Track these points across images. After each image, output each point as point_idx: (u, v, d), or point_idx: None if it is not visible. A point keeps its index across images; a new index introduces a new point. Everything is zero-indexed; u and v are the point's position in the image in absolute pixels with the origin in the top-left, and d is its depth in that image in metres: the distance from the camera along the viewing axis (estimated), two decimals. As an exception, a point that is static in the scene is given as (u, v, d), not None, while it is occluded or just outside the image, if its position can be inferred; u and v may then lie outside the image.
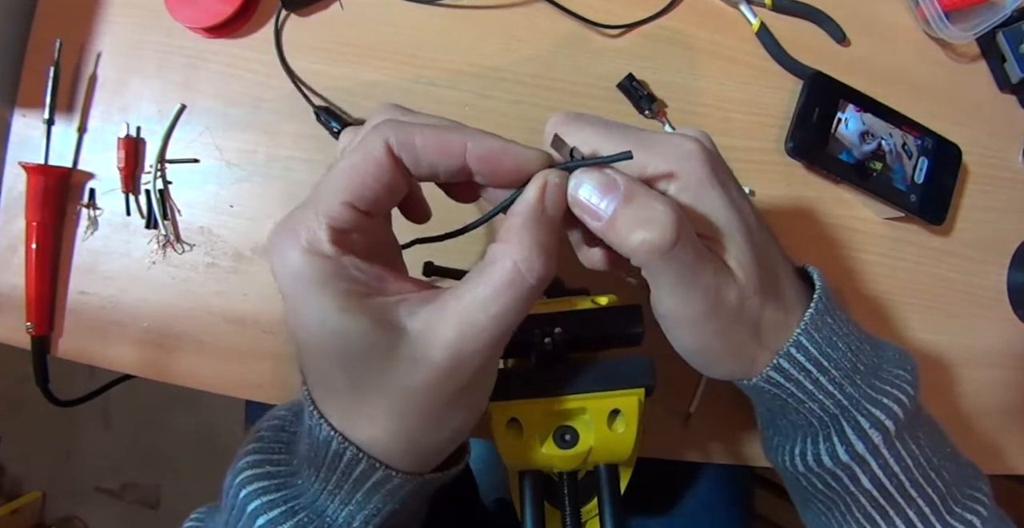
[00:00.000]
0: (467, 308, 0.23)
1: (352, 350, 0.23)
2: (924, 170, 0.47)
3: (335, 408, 0.26)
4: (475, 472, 0.70)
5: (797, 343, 0.29)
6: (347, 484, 0.26)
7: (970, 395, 0.49)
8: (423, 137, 0.24)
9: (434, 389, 0.24)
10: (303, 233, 0.23)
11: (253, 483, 0.27)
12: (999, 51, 0.49)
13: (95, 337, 0.45)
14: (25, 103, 0.46)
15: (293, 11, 0.45)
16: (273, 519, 0.26)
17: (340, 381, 0.24)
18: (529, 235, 0.24)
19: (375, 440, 0.25)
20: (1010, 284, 0.49)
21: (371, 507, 0.27)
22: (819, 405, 0.30)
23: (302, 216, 0.24)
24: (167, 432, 1.31)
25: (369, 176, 0.24)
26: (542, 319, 0.33)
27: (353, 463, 0.25)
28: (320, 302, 0.23)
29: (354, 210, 0.24)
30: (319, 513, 0.27)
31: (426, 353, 0.23)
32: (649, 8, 0.47)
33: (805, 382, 0.30)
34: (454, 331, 0.23)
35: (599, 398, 0.31)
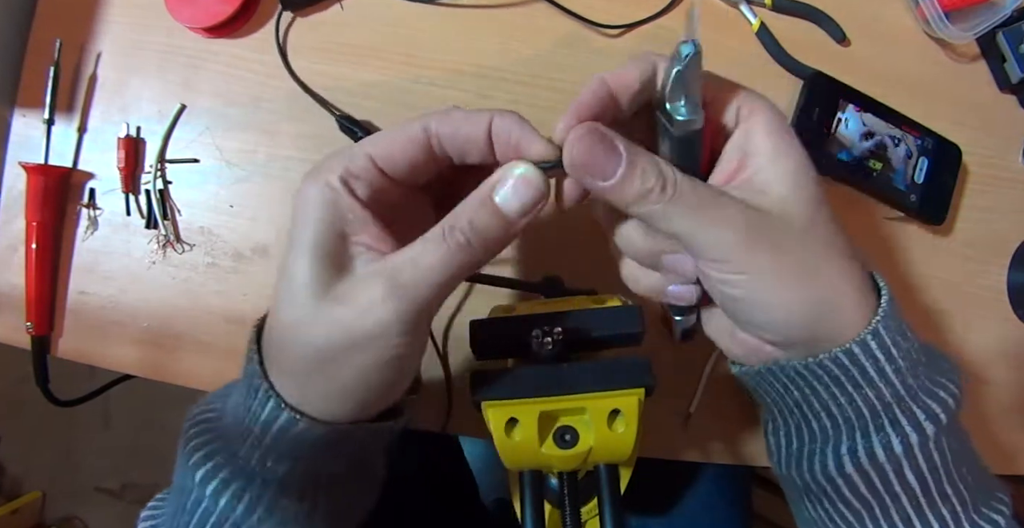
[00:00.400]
0: (394, 263, 0.26)
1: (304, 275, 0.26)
2: (924, 170, 0.47)
3: (270, 330, 0.28)
4: (475, 472, 0.70)
5: (877, 329, 0.28)
6: (256, 427, 0.28)
7: (970, 395, 0.48)
8: (459, 114, 0.28)
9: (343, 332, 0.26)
10: (326, 168, 0.27)
11: (188, 431, 0.31)
12: (999, 51, 0.49)
13: (95, 337, 0.45)
14: (25, 103, 0.46)
15: (293, 12, 0.45)
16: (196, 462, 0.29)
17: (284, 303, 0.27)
18: (464, 208, 0.27)
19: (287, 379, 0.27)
20: (1010, 284, 0.49)
21: (281, 450, 0.28)
22: (876, 392, 0.29)
23: (331, 157, 0.28)
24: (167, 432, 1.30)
25: (397, 143, 0.28)
26: (542, 319, 0.33)
27: (263, 402, 0.27)
28: (308, 222, 0.26)
29: (372, 164, 0.27)
30: (233, 453, 0.29)
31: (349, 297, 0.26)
32: (649, 8, 0.47)
33: (883, 363, 0.28)
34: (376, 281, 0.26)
35: (599, 398, 0.31)
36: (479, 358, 0.34)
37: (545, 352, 0.31)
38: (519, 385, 0.31)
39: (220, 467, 0.29)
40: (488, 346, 0.33)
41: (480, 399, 0.31)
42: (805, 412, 0.32)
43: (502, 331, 0.33)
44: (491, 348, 0.34)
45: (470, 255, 0.26)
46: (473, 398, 0.31)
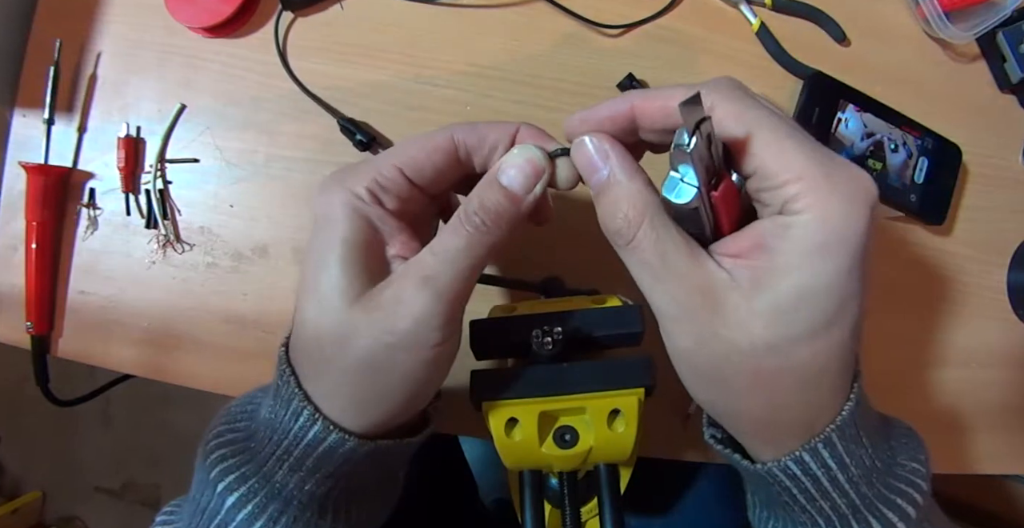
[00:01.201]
0: (419, 257, 0.26)
1: (334, 286, 0.26)
2: (924, 170, 0.47)
3: (307, 364, 0.27)
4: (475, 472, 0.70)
5: (828, 439, 0.25)
6: (297, 450, 0.27)
7: (970, 395, 0.49)
8: (485, 125, 0.29)
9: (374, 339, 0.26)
10: (351, 176, 0.27)
11: (215, 452, 0.28)
12: (999, 51, 0.49)
13: (95, 337, 0.45)
14: (25, 103, 0.46)
15: (294, 12, 0.45)
16: (230, 484, 0.27)
17: (311, 319, 0.26)
18: (476, 192, 0.27)
19: (332, 400, 0.27)
20: (1010, 284, 0.49)
21: (322, 471, 0.27)
22: (831, 504, 0.27)
23: (355, 167, 0.28)
24: (167, 432, 1.31)
25: (424, 152, 0.28)
26: (542, 319, 0.33)
27: (307, 425, 0.27)
28: (335, 233, 0.26)
29: (401, 175, 0.28)
30: (269, 477, 0.28)
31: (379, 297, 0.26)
32: (649, 8, 0.47)
33: (823, 480, 0.26)
34: (407, 282, 0.26)
35: (599, 398, 0.31)
36: (479, 358, 0.34)
37: (545, 352, 0.31)
38: (519, 385, 0.31)
39: (254, 492, 0.27)
40: (488, 346, 0.33)
41: (480, 399, 0.31)
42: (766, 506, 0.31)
43: (502, 331, 0.33)
44: (491, 348, 0.34)
45: (488, 236, 0.26)
46: (473, 398, 0.31)
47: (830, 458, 0.26)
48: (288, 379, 0.27)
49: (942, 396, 0.48)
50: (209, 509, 0.28)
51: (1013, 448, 0.49)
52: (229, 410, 0.31)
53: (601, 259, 0.46)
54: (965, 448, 0.48)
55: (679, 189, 0.23)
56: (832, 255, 0.23)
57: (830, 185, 0.23)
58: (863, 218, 0.23)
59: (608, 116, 0.27)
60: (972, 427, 0.49)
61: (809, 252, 0.23)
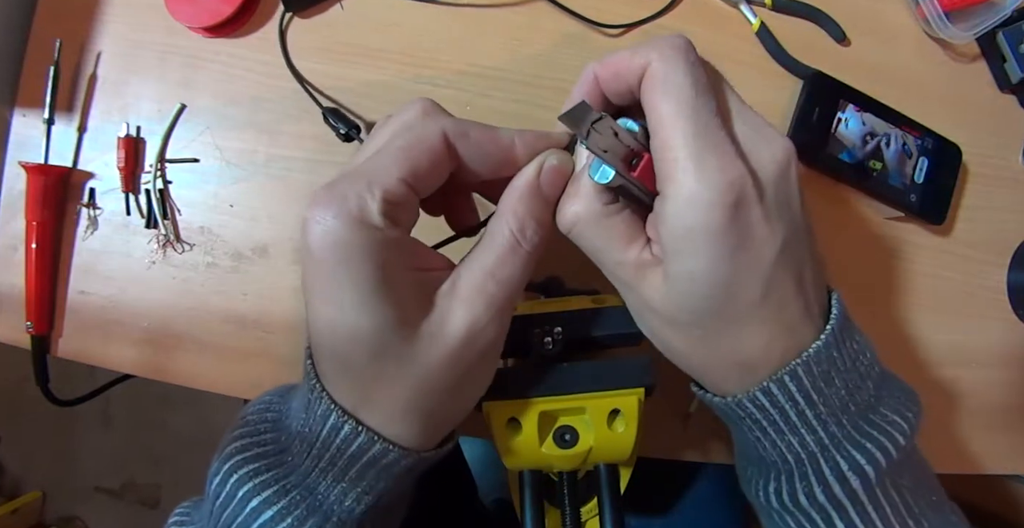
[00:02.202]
0: (475, 278, 0.26)
1: (379, 326, 0.24)
2: (924, 170, 0.47)
3: (344, 385, 0.26)
4: (475, 472, 0.70)
5: (793, 372, 0.26)
6: (341, 460, 0.26)
7: (970, 395, 0.49)
8: (476, 129, 0.27)
9: (449, 364, 0.25)
10: (353, 201, 0.23)
11: (243, 466, 0.27)
12: (999, 51, 0.49)
13: (95, 337, 0.45)
14: (25, 103, 0.46)
15: (295, 13, 0.45)
16: (267, 499, 0.26)
17: (360, 359, 0.25)
18: (523, 206, 0.26)
19: (383, 419, 0.26)
20: (1010, 284, 0.49)
21: (364, 484, 0.27)
22: (799, 440, 0.28)
23: (352, 186, 0.24)
24: (167, 432, 1.31)
25: (424, 156, 0.25)
26: (542, 319, 0.33)
27: (351, 438, 0.26)
28: (361, 272, 0.23)
29: (407, 187, 0.25)
30: (311, 491, 0.26)
31: (443, 328, 0.25)
32: (649, 8, 0.47)
33: (790, 413, 0.27)
34: (467, 303, 0.25)
35: (599, 398, 0.31)
36: (479, 358, 0.34)
37: (545, 352, 0.31)
38: (519, 385, 0.31)
39: (295, 504, 0.26)
40: (488, 346, 0.33)
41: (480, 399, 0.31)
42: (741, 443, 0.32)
43: (502, 331, 0.33)
44: (491, 348, 0.34)
45: (541, 249, 0.27)
46: (473, 398, 0.31)
47: (797, 392, 0.27)
48: (320, 396, 0.26)
49: (942, 396, 0.48)
50: (237, 524, 0.26)
51: (1013, 448, 0.49)
52: (246, 420, 0.30)
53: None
54: (965, 448, 0.48)
55: (601, 170, 0.26)
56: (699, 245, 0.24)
57: (696, 171, 0.24)
58: (717, 208, 0.24)
59: (585, 92, 0.28)
60: (972, 427, 0.49)
61: (679, 238, 0.25)
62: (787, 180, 0.26)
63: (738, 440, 0.33)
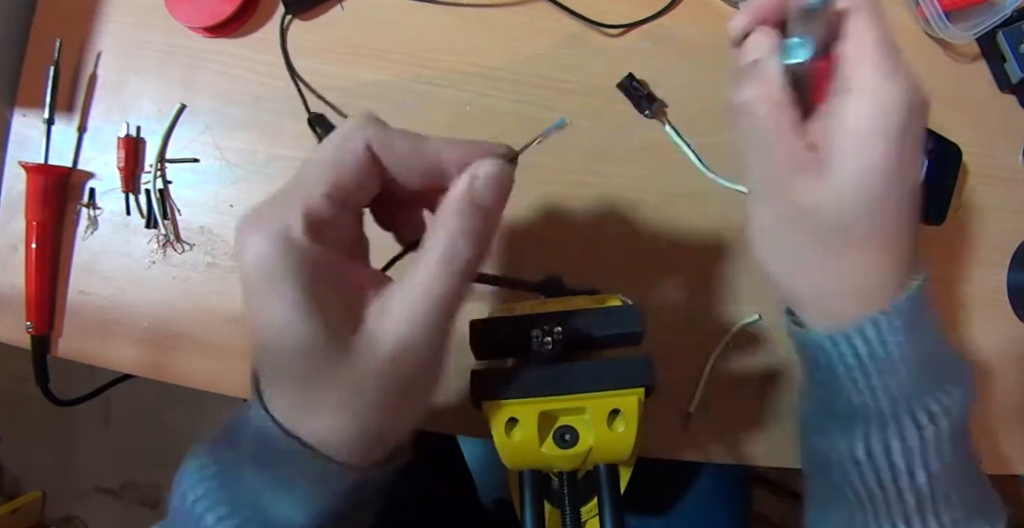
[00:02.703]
0: (408, 293, 0.25)
1: (310, 341, 0.24)
2: (924, 170, 0.47)
3: (284, 400, 0.26)
4: (475, 472, 0.70)
5: (898, 309, 0.29)
6: (287, 479, 0.26)
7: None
8: (401, 138, 0.26)
9: (381, 379, 0.25)
10: (277, 222, 0.24)
11: (200, 484, 0.27)
12: (999, 51, 0.49)
13: (95, 337, 0.45)
14: (25, 103, 0.46)
15: (296, 15, 0.45)
16: (220, 517, 0.26)
17: (294, 372, 0.25)
18: (454, 220, 0.25)
19: (319, 433, 0.26)
20: (1010, 284, 0.49)
21: (311, 503, 0.26)
22: (897, 382, 0.30)
23: (277, 205, 0.24)
24: (167, 432, 1.31)
25: (348, 170, 0.25)
26: (542, 319, 0.33)
27: (294, 456, 0.25)
28: (286, 291, 0.23)
29: (331, 202, 0.25)
30: (261, 509, 0.26)
31: (374, 342, 0.24)
32: (649, 8, 0.47)
33: (894, 352, 0.29)
34: (397, 317, 0.24)
35: (599, 398, 0.31)
36: (479, 358, 0.34)
37: (545, 352, 0.31)
38: (519, 385, 0.31)
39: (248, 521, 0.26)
40: (488, 346, 0.33)
41: (480, 399, 0.31)
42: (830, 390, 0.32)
43: (502, 331, 0.33)
44: (491, 348, 0.34)
45: (476, 263, 0.26)
46: (473, 398, 0.31)
47: (901, 328, 0.29)
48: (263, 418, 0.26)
49: (942, 396, 0.48)
50: None
51: (1013, 448, 0.49)
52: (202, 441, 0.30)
53: (601, 259, 0.46)
54: (965, 448, 0.48)
55: (796, 50, 0.29)
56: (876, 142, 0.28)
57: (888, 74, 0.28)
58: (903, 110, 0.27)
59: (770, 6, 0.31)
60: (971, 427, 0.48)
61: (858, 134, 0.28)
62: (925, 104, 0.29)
63: (822, 388, 0.33)
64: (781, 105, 0.29)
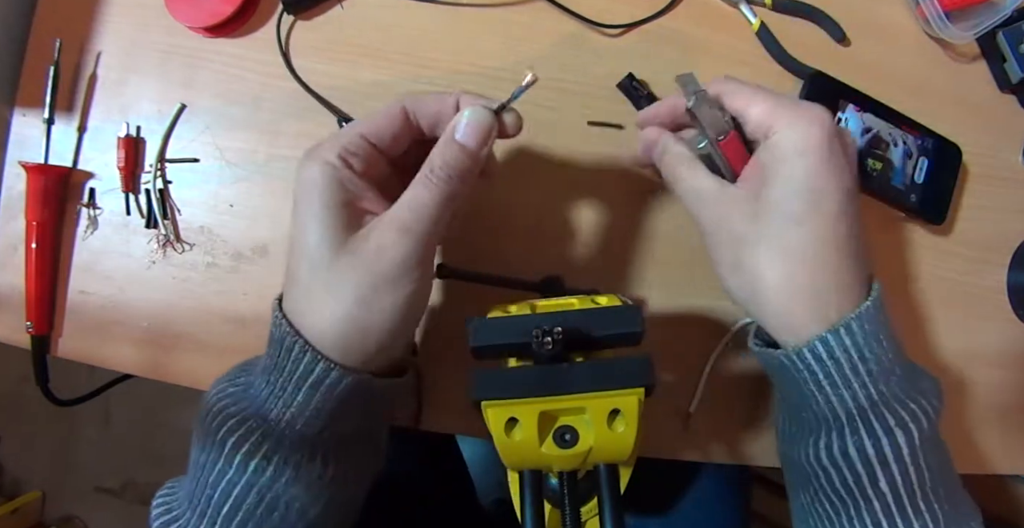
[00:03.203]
0: (394, 207, 0.31)
1: (315, 239, 0.30)
2: (924, 170, 0.47)
3: (293, 300, 0.31)
4: (475, 472, 0.70)
5: (848, 326, 0.31)
6: (291, 383, 0.30)
7: (970, 395, 0.49)
8: (431, 96, 0.34)
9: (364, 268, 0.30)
10: (323, 152, 0.31)
11: (216, 403, 0.32)
12: (999, 51, 0.49)
13: (95, 337, 0.45)
14: (25, 103, 0.46)
15: (295, 15, 0.45)
16: (230, 428, 0.31)
17: (301, 271, 0.31)
18: (437, 150, 0.32)
19: (314, 326, 0.30)
20: (1010, 284, 0.49)
21: (311, 408, 0.31)
22: (851, 394, 0.31)
23: (327, 142, 0.32)
24: (167, 432, 1.31)
25: (383, 120, 0.33)
26: (542, 319, 0.33)
27: (299, 356, 0.30)
28: (312, 201, 0.30)
29: (365, 141, 0.32)
30: (264, 418, 0.31)
31: (363, 245, 0.30)
32: (649, 8, 0.47)
33: (845, 366, 0.31)
34: (382, 224, 0.30)
35: (599, 398, 0.31)
36: (478, 358, 0.34)
37: (545, 352, 0.31)
38: (519, 385, 0.31)
39: (251, 432, 0.31)
40: (488, 346, 0.33)
41: (480, 399, 0.31)
42: (794, 402, 0.35)
43: (502, 331, 0.33)
44: (491, 348, 0.34)
45: (452, 186, 0.31)
46: (473, 398, 0.31)
47: (851, 345, 0.31)
48: (280, 321, 0.31)
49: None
50: (210, 460, 0.31)
51: (1013, 448, 0.49)
52: (228, 372, 0.35)
53: (601, 259, 0.46)
54: (964, 448, 0.49)
55: (697, 141, 0.37)
56: (802, 156, 0.32)
57: (792, 111, 0.33)
58: (822, 127, 0.32)
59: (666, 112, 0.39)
60: (972, 427, 0.49)
61: (786, 157, 0.32)
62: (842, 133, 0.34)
63: (788, 401, 0.36)
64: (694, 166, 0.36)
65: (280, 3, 0.45)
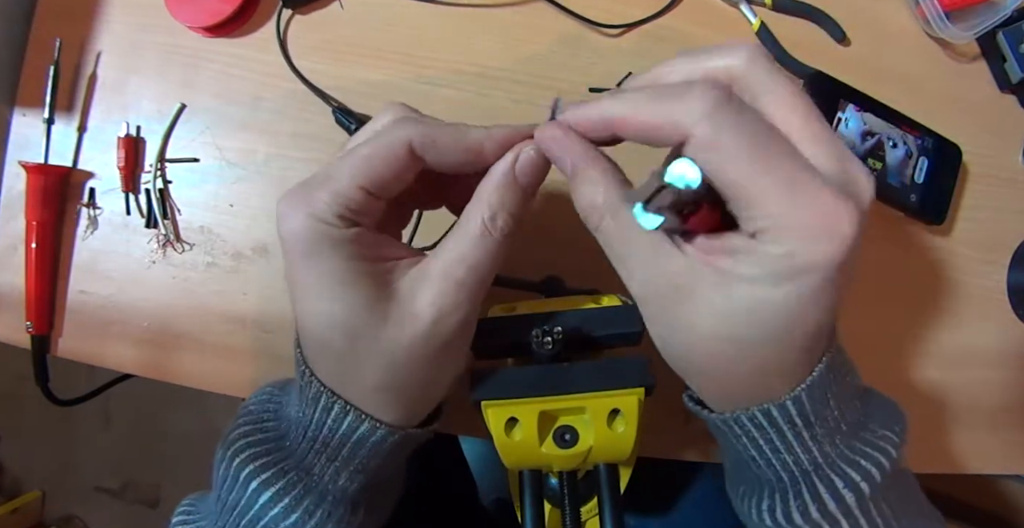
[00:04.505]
0: (445, 263, 0.26)
1: (348, 311, 0.26)
2: (924, 170, 0.47)
3: (326, 367, 0.28)
4: (475, 472, 0.70)
5: (796, 398, 0.26)
6: (333, 440, 0.28)
7: (970, 395, 0.49)
8: (444, 135, 0.27)
9: (420, 343, 0.26)
10: (312, 205, 0.25)
11: (245, 450, 0.29)
12: (999, 51, 0.49)
13: (95, 336, 0.45)
14: (25, 102, 0.46)
15: (293, 10, 0.45)
16: (265, 480, 0.28)
17: (336, 341, 0.26)
18: (496, 195, 0.27)
19: (363, 396, 0.28)
20: (1010, 284, 0.49)
21: (356, 463, 0.29)
22: (794, 458, 0.28)
23: (314, 188, 0.26)
24: (167, 432, 1.31)
25: (387, 167, 0.26)
26: (542, 319, 0.33)
27: (340, 417, 0.27)
28: (323, 265, 0.25)
29: (365, 193, 0.26)
30: (307, 471, 0.28)
31: (412, 310, 0.26)
32: (649, 7, 0.47)
33: (788, 433, 0.27)
34: (436, 286, 0.26)
35: (599, 397, 0.31)
36: (479, 357, 0.34)
37: (545, 352, 0.31)
38: (519, 385, 0.31)
39: (292, 485, 0.28)
40: (488, 346, 0.33)
41: (480, 398, 0.31)
42: (734, 458, 0.31)
43: (502, 330, 0.33)
44: (491, 347, 0.34)
45: (511, 237, 0.27)
46: (473, 397, 0.31)
47: (797, 415, 0.26)
48: (310, 380, 0.28)
49: (941, 396, 0.48)
50: (240, 506, 0.28)
51: (1012, 448, 0.49)
52: (249, 410, 0.32)
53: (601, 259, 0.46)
54: (964, 448, 0.48)
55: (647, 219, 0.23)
56: (789, 282, 0.23)
57: (799, 220, 0.22)
58: (829, 254, 0.22)
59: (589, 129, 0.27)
60: (971, 427, 0.49)
61: (769, 275, 0.23)
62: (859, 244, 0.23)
63: (731, 458, 0.32)
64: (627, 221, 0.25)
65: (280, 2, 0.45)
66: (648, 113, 0.24)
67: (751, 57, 0.25)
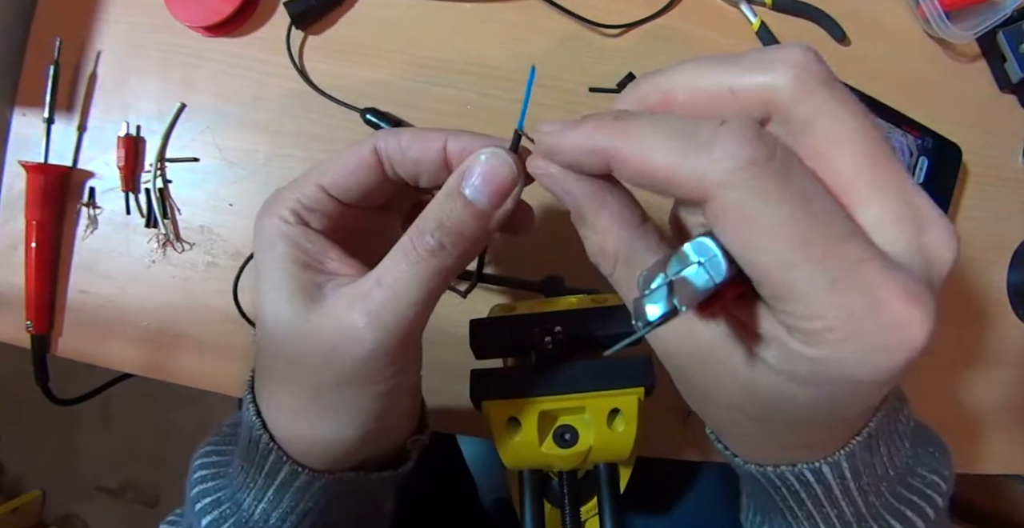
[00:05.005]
0: (365, 281, 0.24)
1: (276, 315, 0.24)
2: (924, 170, 0.47)
3: (259, 382, 0.27)
4: (475, 472, 0.70)
5: (851, 454, 0.23)
6: (260, 477, 0.26)
7: (970, 395, 0.49)
8: (408, 136, 0.26)
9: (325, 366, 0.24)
10: (277, 206, 0.26)
11: (198, 471, 0.29)
12: (999, 51, 0.49)
13: (95, 336, 0.45)
14: (25, 102, 0.46)
15: (305, 30, 0.45)
16: (203, 508, 0.27)
17: (266, 352, 0.26)
18: (432, 211, 0.24)
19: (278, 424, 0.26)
20: (1010, 284, 0.49)
21: (284, 505, 0.27)
22: (837, 512, 0.25)
23: (282, 192, 0.26)
24: (167, 432, 1.31)
25: (346, 168, 0.26)
26: (542, 319, 0.33)
27: (266, 453, 0.26)
28: (268, 259, 0.25)
29: (323, 193, 0.26)
30: (238, 505, 0.27)
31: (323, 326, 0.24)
32: (649, 7, 0.47)
33: (835, 488, 0.24)
34: (347, 304, 0.23)
35: (599, 397, 0.31)
36: (479, 357, 0.34)
37: (545, 351, 0.31)
38: (519, 384, 0.31)
39: (226, 518, 0.27)
40: (488, 345, 0.33)
41: (480, 398, 0.31)
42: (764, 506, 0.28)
43: (502, 330, 0.33)
44: (491, 347, 0.34)
45: (444, 260, 0.23)
46: (473, 398, 0.31)
47: (848, 469, 0.23)
48: (248, 406, 0.27)
49: (941, 396, 0.48)
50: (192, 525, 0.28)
51: (1013, 448, 0.49)
52: (221, 426, 0.31)
53: (601, 259, 0.46)
54: (965, 448, 0.48)
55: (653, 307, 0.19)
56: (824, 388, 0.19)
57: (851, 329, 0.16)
58: (883, 367, 0.17)
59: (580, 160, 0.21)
60: (972, 427, 0.49)
61: (800, 376, 0.19)
62: None
63: (757, 503, 0.29)
64: None
65: (282, 5, 0.45)
66: (660, 157, 0.18)
67: (799, 76, 0.18)
